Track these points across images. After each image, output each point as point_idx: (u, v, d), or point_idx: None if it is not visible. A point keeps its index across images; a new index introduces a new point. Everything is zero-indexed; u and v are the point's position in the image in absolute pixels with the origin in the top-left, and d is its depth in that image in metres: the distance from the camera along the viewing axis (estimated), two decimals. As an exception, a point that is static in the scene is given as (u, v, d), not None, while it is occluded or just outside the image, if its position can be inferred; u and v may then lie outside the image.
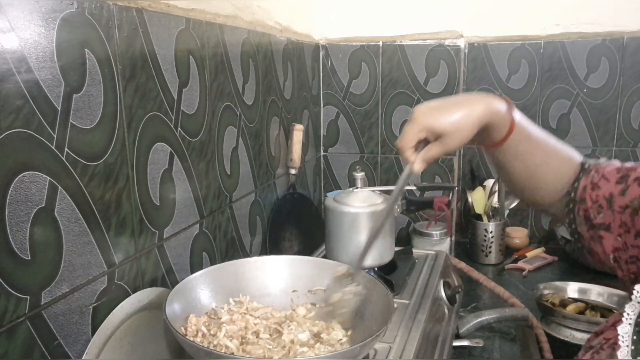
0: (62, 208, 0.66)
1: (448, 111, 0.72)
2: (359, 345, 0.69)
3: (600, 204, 0.74)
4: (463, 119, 0.72)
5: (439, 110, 0.73)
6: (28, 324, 0.62)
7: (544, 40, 1.65)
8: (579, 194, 0.77)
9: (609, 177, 0.75)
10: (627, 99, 1.63)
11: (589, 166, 0.79)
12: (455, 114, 0.72)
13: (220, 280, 0.88)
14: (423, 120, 0.72)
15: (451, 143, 0.73)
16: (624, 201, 0.71)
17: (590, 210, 0.75)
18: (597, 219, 0.75)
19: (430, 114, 0.72)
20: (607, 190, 0.74)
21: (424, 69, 1.62)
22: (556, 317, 1.19)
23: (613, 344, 0.64)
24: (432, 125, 0.72)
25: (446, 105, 0.73)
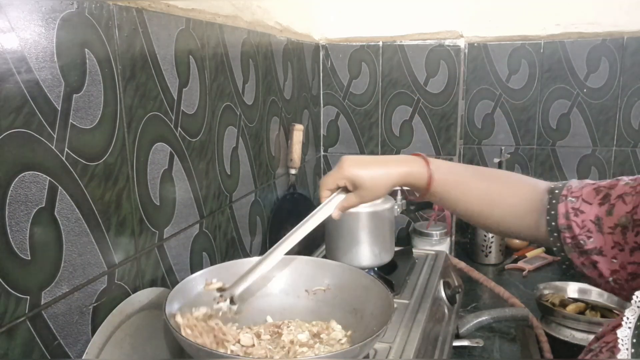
0: (62, 208, 0.66)
1: (369, 169, 0.81)
2: (359, 345, 0.69)
3: (589, 228, 0.73)
4: (380, 179, 0.81)
5: (362, 165, 0.82)
6: (28, 324, 0.62)
7: (544, 40, 1.65)
8: (560, 222, 0.76)
9: (589, 200, 0.74)
10: (627, 99, 1.63)
11: (562, 191, 0.78)
12: (375, 172, 0.81)
13: (220, 280, 0.88)
14: (346, 169, 0.81)
15: (366, 196, 0.82)
16: (613, 221, 0.71)
17: (579, 237, 0.74)
18: (587, 244, 0.74)
19: (354, 166, 0.82)
20: (592, 213, 0.73)
21: (424, 69, 1.62)
22: (556, 317, 1.19)
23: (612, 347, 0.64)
24: (353, 177, 0.81)
25: (370, 163, 0.83)
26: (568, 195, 0.77)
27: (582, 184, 0.77)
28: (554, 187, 0.80)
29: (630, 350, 0.62)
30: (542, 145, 1.74)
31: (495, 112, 1.75)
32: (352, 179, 0.81)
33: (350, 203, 0.83)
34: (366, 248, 1.13)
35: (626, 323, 0.63)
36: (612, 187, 0.73)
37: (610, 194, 0.73)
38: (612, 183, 0.74)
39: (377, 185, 0.81)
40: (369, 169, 0.81)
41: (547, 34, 1.65)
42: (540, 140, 1.74)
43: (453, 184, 0.83)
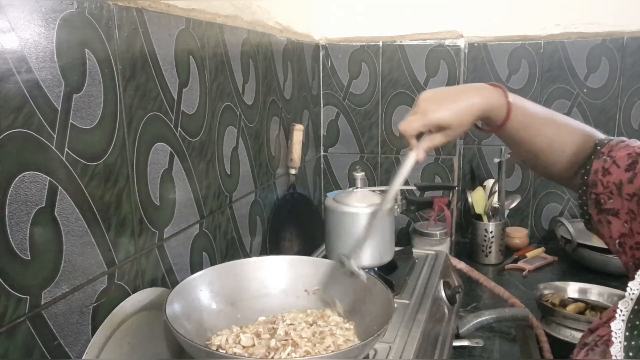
0: (62, 208, 0.66)
1: (451, 106, 0.78)
2: (359, 345, 0.69)
3: (611, 189, 0.75)
4: (464, 113, 0.78)
5: (443, 104, 0.78)
6: (28, 324, 0.62)
7: (544, 40, 1.65)
8: (591, 178, 0.78)
9: (620, 163, 0.75)
10: (627, 99, 1.63)
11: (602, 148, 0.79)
12: (458, 108, 0.78)
13: (220, 281, 0.88)
14: (429, 115, 0.77)
15: (454, 134, 0.79)
16: (632, 189, 0.72)
17: (601, 195, 0.76)
18: (607, 204, 0.75)
19: (434, 108, 0.78)
20: (617, 176, 0.74)
21: (424, 69, 1.62)
22: (556, 317, 1.19)
23: (607, 341, 0.65)
24: (438, 121, 0.78)
25: (448, 99, 0.79)
26: (605, 154, 0.78)
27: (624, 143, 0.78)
28: (599, 142, 0.81)
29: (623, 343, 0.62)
30: (542, 145, 1.73)
31: (495, 112, 1.75)
32: (440, 124, 0.78)
33: (437, 142, 0.80)
34: (366, 248, 1.13)
35: (619, 316, 0.64)
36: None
37: (638, 161, 0.73)
38: None
39: (462, 121, 0.78)
40: (452, 106, 0.78)
41: (547, 34, 1.65)
42: (540, 140, 1.73)
43: (526, 124, 0.81)
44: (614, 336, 0.63)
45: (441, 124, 0.78)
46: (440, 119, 0.77)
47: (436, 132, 0.79)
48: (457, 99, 0.79)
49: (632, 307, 0.63)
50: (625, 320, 0.63)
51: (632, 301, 0.64)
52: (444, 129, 0.79)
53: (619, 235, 0.74)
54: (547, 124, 0.82)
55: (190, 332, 0.77)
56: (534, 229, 1.78)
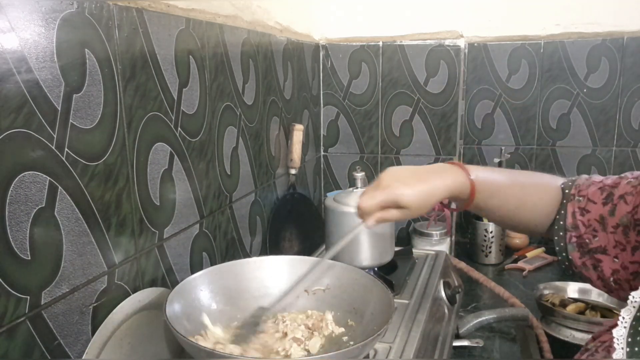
0: (62, 208, 0.66)
1: (415, 187, 0.76)
2: (359, 345, 0.69)
3: (594, 227, 0.75)
4: (426, 196, 0.77)
5: (407, 185, 0.76)
6: (28, 324, 0.62)
7: (544, 40, 1.65)
8: (569, 222, 0.78)
9: (595, 199, 0.75)
10: (627, 99, 1.63)
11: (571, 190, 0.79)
12: (421, 190, 0.76)
13: (220, 281, 0.88)
14: (390, 192, 0.76)
15: (411, 215, 0.78)
16: (615, 221, 0.72)
17: (584, 236, 0.76)
18: (592, 244, 0.75)
19: (399, 187, 0.76)
20: (597, 212, 0.75)
21: (424, 69, 1.62)
22: (556, 317, 1.19)
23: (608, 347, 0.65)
24: (400, 200, 0.76)
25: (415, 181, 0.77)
26: (576, 195, 0.78)
27: (589, 181, 0.78)
28: (564, 186, 0.81)
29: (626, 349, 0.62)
30: (542, 145, 1.74)
31: (495, 112, 1.75)
32: (400, 202, 0.76)
33: (391, 218, 0.79)
34: (366, 248, 1.13)
35: (622, 323, 0.64)
36: (615, 186, 0.74)
37: (614, 193, 0.74)
38: (615, 181, 0.75)
39: (423, 204, 0.77)
40: (416, 188, 0.76)
41: (547, 34, 1.65)
42: (540, 140, 1.74)
43: (493, 192, 0.81)
44: (616, 342, 0.63)
45: (402, 204, 0.76)
46: (404, 199, 0.76)
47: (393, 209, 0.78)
48: (421, 181, 0.77)
49: (635, 314, 0.64)
50: (627, 327, 0.64)
51: (635, 309, 0.64)
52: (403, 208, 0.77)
53: (611, 273, 0.74)
54: (512, 187, 0.83)
55: (190, 332, 0.77)
56: (534, 229, 1.78)
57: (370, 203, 0.77)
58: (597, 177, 0.79)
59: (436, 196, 0.77)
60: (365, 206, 0.78)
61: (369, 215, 0.78)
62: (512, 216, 0.83)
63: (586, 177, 0.80)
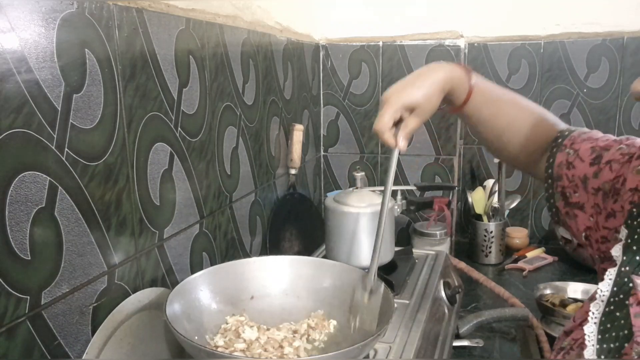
0: (62, 208, 0.66)
1: (415, 85, 0.78)
2: (359, 345, 0.69)
3: (576, 183, 0.75)
4: (430, 88, 0.78)
5: (406, 87, 0.78)
6: (28, 324, 0.62)
7: (544, 40, 1.65)
8: (555, 171, 0.78)
9: (584, 157, 0.75)
10: (627, 99, 1.63)
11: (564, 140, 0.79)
12: (422, 86, 0.77)
13: (220, 281, 0.88)
14: (396, 100, 0.77)
15: (425, 112, 0.78)
16: (597, 183, 0.72)
17: (567, 189, 0.76)
18: (573, 198, 0.76)
19: (399, 93, 0.77)
20: (582, 171, 0.74)
21: (424, 69, 1.62)
22: (556, 317, 1.19)
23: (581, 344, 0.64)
24: (405, 102, 0.77)
25: (411, 81, 0.79)
26: (567, 146, 0.78)
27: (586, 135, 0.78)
28: (561, 134, 0.80)
29: (596, 347, 0.61)
30: (542, 145, 1.74)
31: (495, 112, 1.75)
32: (408, 106, 0.77)
33: (413, 126, 0.79)
34: (366, 248, 1.13)
35: (591, 318, 0.63)
36: (606, 149, 0.74)
37: (602, 156, 0.73)
38: (609, 144, 0.75)
39: (429, 96, 0.77)
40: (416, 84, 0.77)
41: (547, 34, 1.65)
42: (540, 140, 1.73)
43: (488, 102, 0.81)
44: (587, 339, 0.62)
45: (408, 104, 0.77)
46: (407, 99, 0.77)
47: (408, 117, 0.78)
48: (420, 78, 0.78)
49: (603, 310, 0.63)
50: (597, 323, 0.63)
51: (603, 303, 0.63)
52: (414, 110, 0.78)
53: (584, 229, 0.74)
54: (509, 104, 0.83)
55: (190, 332, 0.77)
56: (534, 229, 1.78)
57: (381, 121, 0.77)
58: (595, 133, 0.78)
59: (438, 84, 0.78)
60: (380, 126, 0.77)
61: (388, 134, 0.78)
62: (499, 132, 0.83)
63: (584, 131, 0.79)
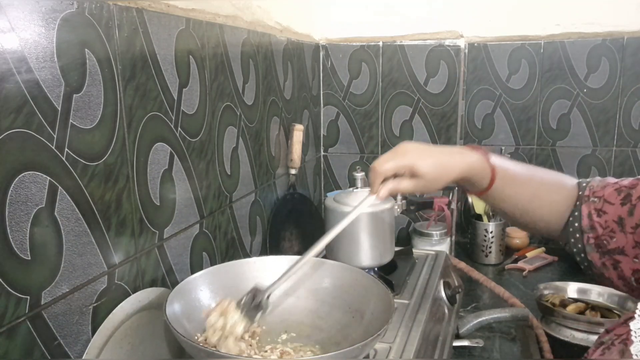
0: (62, 208, 0.66)
1: (433, 157, 0.75)
2: (359, 345, 0.69)
3: (612, 228, 0.74)
4: (442, 169, 0.75)
5: (424, 152, 0.76)
6: (28, 324, 0.62)
7: (544, 40, 1.65)
8: (584, 223, 0.77)
9: (612, 200, 0.75)
10: (627, 99, 1.63)
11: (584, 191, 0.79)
12: (438, 163, 0.75)
13: (220, 281, 0.88)
14: (409, 158, 0.75)
15: (424, 187, 0.76)
16: (634, 221, 0.72)
17: (602, 237, 0.75)
18: (610, 244, 0.74)
19: (416, 153, 0.75)
20: (615, 213, 0.74)
21: (424, 69, 1.62)
22: (556, 317, 1.19)
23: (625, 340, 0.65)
24: (416, 167, 0.74)
25: (432, 152, 0.76)
26: (590, 196, 0.77)
27: (603, 182, 0.78)
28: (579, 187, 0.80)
29: None
30: (542, 145, 1.74)
31: (495, 112, 1.75)
32: (415, 170, 0.74)
33: (404, 189, 0.76)
34: (366, 248, 1.13)
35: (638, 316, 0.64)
36: (633, 187, 0.74)
37: (632, 194, 0.73)
38: (632, 182, 0.74)
39: (438, 177, 0.75)
40: (435, 158, 0.75)
41: (547, 34, 1.65)
42: (540, 140, 1.74)
43: (509, 181, 0.80)
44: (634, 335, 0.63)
45: (418, 171, 0.74)
46: (420, 166, 0.74)
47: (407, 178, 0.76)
48: (440, 154, 0.76)
49: None
50: None
51: None
52: (415, 178, 0.75)
53: (631, 273, 0.73)
54: (529, 180, 0.82)
55: (190, 332, 0.77)
56: (534, 229, 1.78)
57: (384, 165, 0.75)
58: (610, 179, 0.79)
59: (454, 171, 0.75)
60: (379, 168, 0.75)
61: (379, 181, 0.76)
62: (524, 210, 0.82)
63: (599, 179, 0.80)
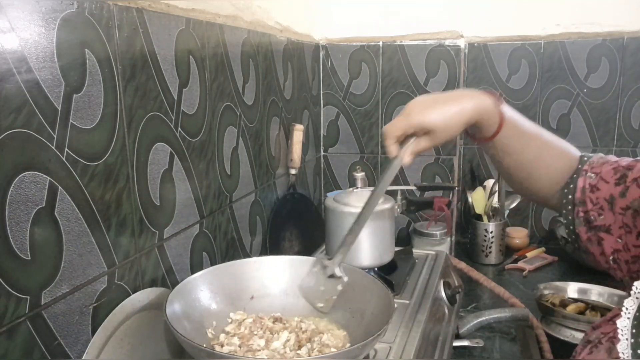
0: (62, 208, 0.66)
1: (439, 109, 0.74)
2: (359, 345, 0.69)
3: (601, 205, 0.74)
4: (453, 117, 0.74)
5: (430, 107, 0.74)
6: (28, 324, 0.62)
7: (544, 40, 1.65)
8: (577, 196, 0.77)
9: (607, 178, 0.75)
10: (627, 99, 1.63)
11: (584, 165, 0.79)
12: (446, 111, 0.74)
13: (220, 281, 0.88)
14: (415, 117, 0.74)
15: (439, 139, 0.75)
16: (625, 202, 0.72)
17: (590, 212, 0.76)
18: (597, 221, 0.75)
19: (422, 111, 0.74)
20: (607, 191, 0.74)
21: (424, 69, 1.62)
22: (556, 317, 1.19)
23: (612, 338, 0.65)
24: (423, 123, 0.74)
25: (438, 103, 0.75)
26: (588, 171, 0.78)
27: (603, 159, 0.78)
28: (580, 159, 0.80)
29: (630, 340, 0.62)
30: (542, 145, 1.73)
31: (495, 112, 1.75)
32: (424, 126, 0.74)
33: (422, 147, 0.76)
34: (366, 248, 1.13)
35: (625, 313, 0.64)
36: (630, 168, 0.74)
37: (627, 175, 0.73)
38: (631, 164, 0.74)
39: (450, 126, 0.74)
40: (441, 110, 0.74)
41: (547, 34, 1.65)
42: (540, 140, 1.73)
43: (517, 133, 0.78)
44: (620, 333, 0.63)
45: (426, 126, 0.74)
46: (425, 121, 0.74)
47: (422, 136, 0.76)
48: (447, 103, 0.75)
49: (639, 305, 0.64)
50: (631, 317, 0.64)
51: (638, 300, 0.64)
52: (429, 133, 0.75)
53: (612, 252, 0.74)
54: (535, 137, 0.81)
55: (190, 332, 0.77)
56: (534, 229, 1.78)
57: (393, 127, 0.76)
58: (612, 157, 0.78)
59: (463, 116, 0.74)
60: (390, 130, 0.76)
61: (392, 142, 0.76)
62: (524, 168, 0.81)
63: (601, 156, 0.79)
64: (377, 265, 1.15)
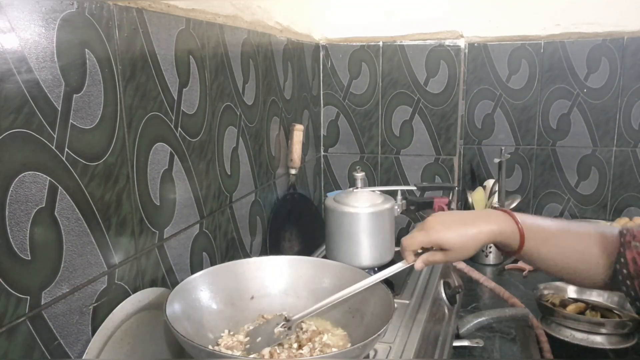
0: (62, 208, 0.66)
1: (457, 230, 0.80)
2: (359, 345, 0.69)
3: None
4: (469, 240, 0.79)
5: (449, 227, 0.80)
6: (28, 324, 0.62)
7: (544, 40, 1.65)
8: (631, 269, 0.76)
9: None
10: (627, 99, 1.63)
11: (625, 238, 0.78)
12: (464, 234, 0.79)
13: (220, 281, 0.88)
14: (434, 235, 0.80)
15: (454, 257, 0.81)
16: None
17: None
18: None
19: (441, 229, 0.80)
20: None
21: (424, 69, 1.62)
22: (556, 317, 1.19)
23: None
24: (441, 241, 0.79)
25: (456, 223, 0.80)
26: (632, 241, 0.77)
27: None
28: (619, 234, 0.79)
29: None
30: (542, 145, 1.74)
31: (495, 112, 1.75)
32: (441, 244, 0.80)
33: (436, 260, 0.82)
34: (366, 248, 1.13)
35: None
36: None
37: None
38: None
39: (466, 247, 0.79)
40: (458, 230, 0.79)
41: (547, 34, 1.65)
42: (540, 140, 1.74)
43: (544, 239, 0.81)
44: None
45: (444, 245, 0.79)
46: (444, 241, 0.79)
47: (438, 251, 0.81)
48: (465, 225, 0.80)
49: None
50: None
51: None
52: (446, 250, 0.80)
53: None
54: (564, 235, 0.82)
55: (190, 332, 0.77)
56: (534, 229, 1.78)
57: (412, 242, 0.82)
58: None
59: (480, 240, 0.80)
60: (407, 244, 0.82)
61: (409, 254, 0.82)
62: (563, 266, 0.82)
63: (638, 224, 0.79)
64: (377, 265, 1.16)
